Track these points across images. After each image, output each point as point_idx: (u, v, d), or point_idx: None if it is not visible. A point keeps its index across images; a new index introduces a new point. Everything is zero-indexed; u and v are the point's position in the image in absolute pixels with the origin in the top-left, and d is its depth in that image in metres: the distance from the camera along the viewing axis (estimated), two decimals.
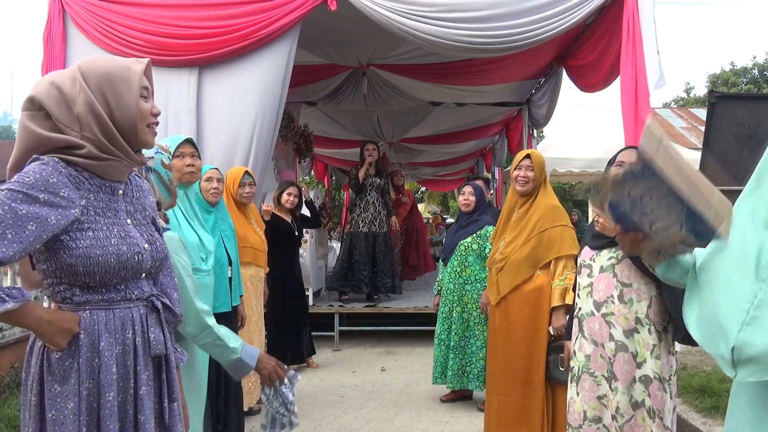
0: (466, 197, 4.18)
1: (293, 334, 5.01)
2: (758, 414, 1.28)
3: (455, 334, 4.10)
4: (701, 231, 1.35)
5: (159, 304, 1.46)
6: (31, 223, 1.24)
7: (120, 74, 1.39)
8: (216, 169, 3.25)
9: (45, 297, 1.47)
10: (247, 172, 3.81)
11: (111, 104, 1.38)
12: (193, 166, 2.68)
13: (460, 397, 4.34)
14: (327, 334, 5.97)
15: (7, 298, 1.22)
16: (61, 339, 1.32)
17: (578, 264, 2.58)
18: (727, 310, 1.23)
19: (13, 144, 1.40)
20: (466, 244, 4.10)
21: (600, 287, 2.40)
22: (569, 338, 2.62)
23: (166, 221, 1.99)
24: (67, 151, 1.35)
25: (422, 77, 6.24)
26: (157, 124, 1.48)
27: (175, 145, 2.72)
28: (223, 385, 3.14)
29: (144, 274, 1.45)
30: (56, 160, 1.33)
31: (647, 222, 1.41)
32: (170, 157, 2.02)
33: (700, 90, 24.30)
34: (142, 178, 1.60)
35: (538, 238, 3.11)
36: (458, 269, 4.12)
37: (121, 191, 1.44)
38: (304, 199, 5.29)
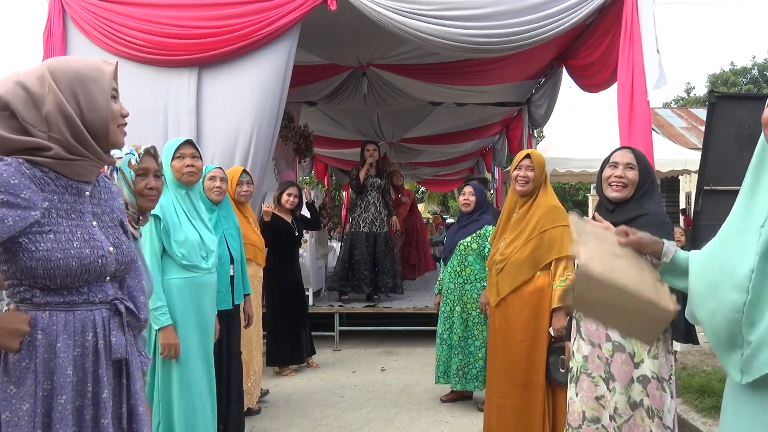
0: (466, 197, 4.18)
1: (293, 334, 5.01)
2: (737, 407, 1.32)
3: (456, 333, 4.10)
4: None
5: (122, 308, 1.43)
6: None
7: (91, 75, 1.37)
8: (220, 168, 3.31)
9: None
10: (244, 171, 3.83)
11: (82, 105, 1.35)
12: (192, 166, 2.70)
13: (460, 397, 4.33)
14: (327, 334, 5.96)
15: None
16: (10, 341, 1.29)
17: (576, 265, 2.58)
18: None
19: None
20: (465, 243, 4.10)
21: None
22: (569, 339, 2.61)
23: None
24: (34, 152, 1.32)
25: (422, 77, 6.23)
26: (125, 124, 1.46)
27: (174, 146, 2.74)
28: (225, 384, 3.14)
29: (108, 278, 1.42)
30: (20, 161, 1.30)
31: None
32: (138, 160, 2.01)
33: (700, 90, 24.34)
34: (111, 179, 1.57)
35: (539, 238, 3.09)
36: (458, 269, 4.12)
37: (87, 193, 1.42)
38: (305, 200, 5.30)
